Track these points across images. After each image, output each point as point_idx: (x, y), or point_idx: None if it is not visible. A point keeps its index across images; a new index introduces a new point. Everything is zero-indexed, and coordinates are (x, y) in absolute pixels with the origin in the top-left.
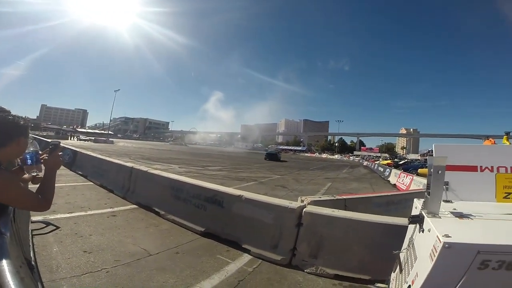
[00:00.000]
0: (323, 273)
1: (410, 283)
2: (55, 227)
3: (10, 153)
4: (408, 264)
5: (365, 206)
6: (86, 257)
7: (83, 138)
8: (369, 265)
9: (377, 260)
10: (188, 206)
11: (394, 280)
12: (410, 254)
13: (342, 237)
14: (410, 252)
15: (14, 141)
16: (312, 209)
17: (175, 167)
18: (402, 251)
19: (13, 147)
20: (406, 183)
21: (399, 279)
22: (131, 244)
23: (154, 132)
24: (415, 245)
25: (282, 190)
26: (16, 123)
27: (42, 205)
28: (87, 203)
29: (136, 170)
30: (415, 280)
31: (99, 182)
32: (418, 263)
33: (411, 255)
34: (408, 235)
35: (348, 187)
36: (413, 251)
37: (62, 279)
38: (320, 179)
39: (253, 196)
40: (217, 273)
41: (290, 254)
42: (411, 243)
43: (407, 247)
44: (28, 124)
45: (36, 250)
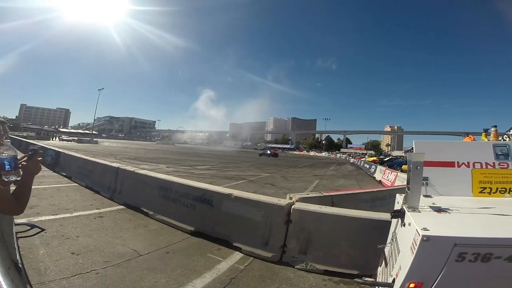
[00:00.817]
0: (313, 269)
1: (395, 276)
2: (40, 229)
3: None
4: (392, 257)
5: (352, 202)
6: (75, 258)
7: (66, 139)
8: (357, 260)
9: (364, 255)
10: (177, 206)
11: (380, 274)
12: (393, 248)
13: (330, 233)
14: (393, 246)
15: None
16: (300, 206)
17: (162, 167)
18: (386, 245)
19: None
20: (391, 179)
21: (384, 273)
22: (120, 245)
23: (140, 131)
24: (398, 239)
25: (271, 188)
26: None
27: (17, 209)
28: (73, 204)
29: (123, 171)
30: (399, 273)
31: (84, 183)
32: (401, 257)
33: (394, 249)
34: (391, 230)
35: (335, 184)
36: (396, 245)
37: (52, 282)
38: (308, 177)
39: (242, 195)
40: (209, 271)
41: (280, 251)
42: (394, 237)
43: (390, 241)
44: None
45: (22, 252)
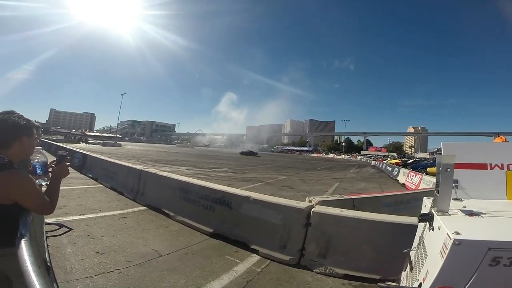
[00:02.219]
0: (332, 273)
1: (421, 281)
2: (68, 228)
3: (17, 153)
4: (418, 262)
5: (374, 205)
6: (99, 258)
7: (92, 142)
8: (379, 264)
9: (387, 259)
10: (197, 208)
11: (404, 279)
12: (420, 252)
13: (351, 237)
14: (420, 250)
15: (17, 141)
16: (320, 209)
17: (182, 169)
18: (412, 249)
19: (17, 147)
20: (415, 182)
21: (409, 277)
22: (142, 245)
23: (161, 134)
24: (425, 243)
25: (289, 191)
26: (16, 123)
27: (49, 209)
28: (98, 205)
29: (145, 173)
30: (426, 278)
31: (109, 184)
32: (428, 261)
33: (421, 253)
34: (418, 234)
35: (356, 187)
36: (424, 249)
37: (76, 280)
38: (327, 179)
39: (261, 197)
40: (226, 273)
41: (298, 254)
42: (421, 241)
43: (417, 245)
44: (30, 124)
45: (50, 251)
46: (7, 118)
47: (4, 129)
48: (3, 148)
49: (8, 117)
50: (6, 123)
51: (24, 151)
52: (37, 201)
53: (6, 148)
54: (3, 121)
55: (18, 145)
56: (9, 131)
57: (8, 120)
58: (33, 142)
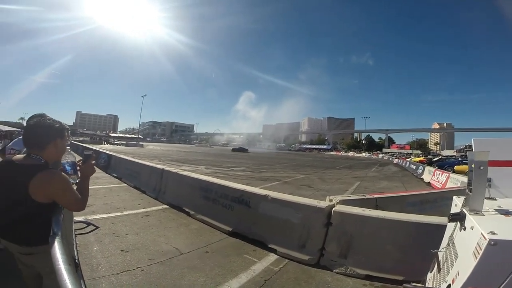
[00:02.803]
0: (353, 273)
1: (450, 282)
2: (95, 227)
3: (51, 154)
4: (447, 263)
5: (398, 205)
6: (123, 256)
7: (116, 143)
8: (403, 265)
9: (411, 260)
10: (216, 206)
11: (431, 280)
12: (450, 253)
13: (374, 237)
14: (450, 251)
15: (51, 143)
16: (341, 208)
17: (202, 168)
18: (440, 250)
19: (51, 149)
20: (442, 181)
21: (437, 279)
22: (164, 243)
23: (180, 134)
24: (456, 243)
25: (308, 190)
26: (51, 126)
27: (81, 206)
28: (123, 204)
29: (167, 172)
30: (455, 279)
31: (133, 183)
32: (459, 262)
33: (451, 253)
34: (447, 234)
35: (378, 186)
36: (454, 249)
37: (102, 278)
38: (347, 178)
39: (279, 196)
40: (244, 272)
41: (318, 254)
42: (451, 242)
43: (446, 246)
44: (63, 127)
45: (78, 249)
46: (43, 121)
47: (40, 132)
48: (39, 149)
49: (43, 120)
50: (42, 126)
51: (57, 152)
52: (72, 199)
53: (42, 149)
54: (39, 124)
55: (53, 147)
56: (45, 133)
57: (44, 123)
58: (65, 144)
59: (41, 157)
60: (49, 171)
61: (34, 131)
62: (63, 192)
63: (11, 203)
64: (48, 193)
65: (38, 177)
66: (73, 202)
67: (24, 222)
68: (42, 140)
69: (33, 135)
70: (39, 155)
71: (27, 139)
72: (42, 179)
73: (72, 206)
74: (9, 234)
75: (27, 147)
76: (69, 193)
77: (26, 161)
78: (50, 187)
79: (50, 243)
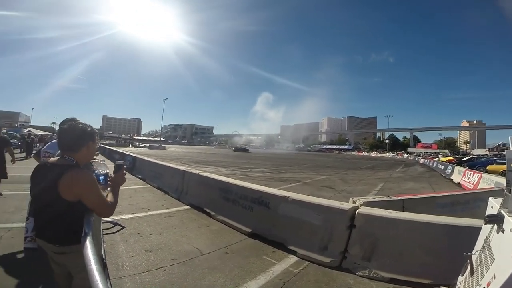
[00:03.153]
0: (376, 277)
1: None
2: (121, 227)
3: (83, 156)
4: (482, 266)
5: (427, 207)
6: (147, 255)
7: (140, 145)
8: (431, 268)
9: (440, 263)
10: (236, 207)
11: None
12: (485, 256)
13: (401, 240)
14: (485, 254)
15: (85, 146)
16: (366, 210)
17: (221, 170)
18: (474, 253)
19: (84, 151)
20: (473, 181)
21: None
22: (186, 244)
23: (200, 137)
24: (492, 246)
25: (328, 191)
26: (84, 130)
27: (107, 211)
28: (147, 204)
29: (188, 173)
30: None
31: (156, 184)
32: (496, 265)
33: (486, 256)
34: (482, 236)
35: (403, 187)
36: (489, 252)
37: (126, 277)
38: (370, 179)
39: (300, 197)
40: (263, 273)
41: (340, 257)
42: (486, 244)
43: (481, 249)
44: (94, 130)
45: (105, 248)
46: (76, 125)
47: (75, 135)
48: (73, 152)
49: (76, 124)
50: (75, 130)
51: (89, 154)
52: (97, 200)
53: (75, 152)
54: (73, 128)
55: (85, 149)
56: (79, 136)
57: (77, 127)
58: (95, 147)
59: (73, 158)
60: (77, 170)
61: (69, 134)
62: (89, 192)
63: (45, 202)
64: (76, 192)
65: (67, 175)
66: (98, 205)
67: (57, 222)
68: (76, 143)
69: (67, 138)
70: (71, 156)
71: (62, 142)
72: (71, 177)
73: (97, 208)
74: (44, 234)
75: (62, 149)
76: (94, 195)
77: (58, 161)
78: (77, 185)
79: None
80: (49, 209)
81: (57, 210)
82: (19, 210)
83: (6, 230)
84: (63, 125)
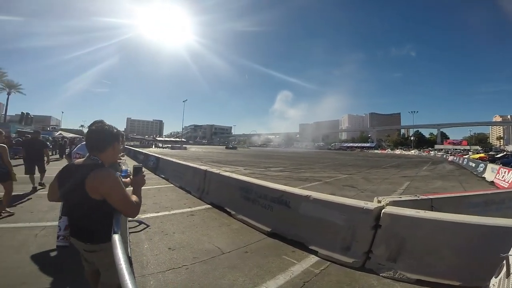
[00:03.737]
0: (402, 278)
1: None
2: (146, 225)
3: (108, 156)
4: None
5: (457, 206)
6: (170, 254)
7: (163, 146)
8: (461, 270)
9: (471, 265)
10: (256, 207)
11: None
12: None
13: (429, 240)
14: None
15: (111, 146)
16: (392, 210)
17: (240, 169)
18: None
19: (110, 152)
20: (509, 179)
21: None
22: (207, 242)
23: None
24: None
25: (351, 190)
26: (110, 131)
27: (132, 210)
28: (170, 203)
29: (210, 173)
30: None
31: (178, 184)
32: None
33: None
34: None
35: (431, 186)
36: None
37: (150, 275)
38: (395, 178)
39: (322, 196)
40: (282, 273)
41: (364, 257)
42: None
43: None
44: (119, 132)
45: (131, 246)
46: (102, 126)
47: (101, 137)
48: (99, 152)
49: (103, 126)
50: (102, 131)
51: (114, 154)
52: (122, 199)
53: (102, 152)
54: (100, 129)
55: (111, 150)
56: (106, 137)
57: (103, 129)
58: (120, 147)
59: (98, 158)
60: (102, 169)
61: (96, 136)
62: (113, 191)
63: (75, 201)
64: (101, 191)
65: (92, 174)
66: (122, 204)
67: (87, 220)
68: (102, 143)
69: (95, 139)
70: (97, 156)
71: (90, 143)
72: (96, 176)
73: (122, 207)
74: (76, 232)
75: (89, 150)
76: (119, 194)
77: (85, 162)
78: (102, 184)
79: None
80: (79, 208)
81: (87, 209)
82: (52, 209)
83: (40, 228)
84: (92, 126)
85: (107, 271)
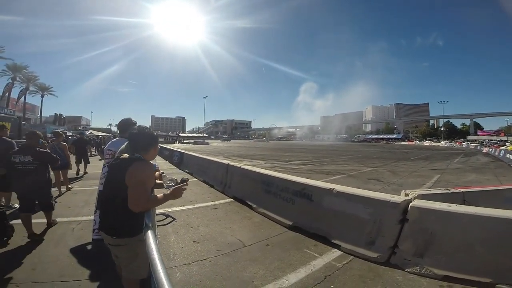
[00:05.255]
0: (429, 274)
1: None
2: (173, 218)
3: (150, 156)
4: None
5: (493, 201)
6: (195, 246)
7: (186, 142)
8: (492, 267)
9: (504, 261)
10: (277, 200)
11: None
12: None
13: (461, 236)
14: None
15: (153, 147)
16: (421, 203)
17: (261, 163)
18: None
19: (151, 152)
20: None
21: None
22: (230, 235)
23: (240, 131)
24: None
25: (376, 184)
26: (151, 134)
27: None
28: (195, 197)
29: (231, 167)
30: None
31: (202, 178)
32: None
33: None
34: None
35: (463, 179)
36: None
37: (176, 267)
38: (423, 171)
39: (346, 190)
40: (303, 267)
41: (389, 252)
42: None
43: None
44: (157, 135)
45: (159, 239)
46: (144, 130)
47: (145, 139)
48: (143, 151)
49: (144, 129)
50: (145, 134)
51: (154, 154)
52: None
53: (147, 151)
54: (142, 133)
55: (153, 150)
56: (148, 140)
57: (146, 132)
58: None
59: (141, 156)
60: (144, 161)
61: (140, 138)
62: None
63: (111, 191)
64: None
65: (134, 164)
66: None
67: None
68: (147, 145)
69: (140, 141)
70: (140, 155)
71: (135, 144)
72: (136, 165)
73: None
74: (104, 225)
75: (134, 151)
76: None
77: (131, 156)
78: (143, 172)
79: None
80: (111, 200)
81: (119, 200)
82: (87, 204)
83: (77, 222)
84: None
85: (127, 266)
